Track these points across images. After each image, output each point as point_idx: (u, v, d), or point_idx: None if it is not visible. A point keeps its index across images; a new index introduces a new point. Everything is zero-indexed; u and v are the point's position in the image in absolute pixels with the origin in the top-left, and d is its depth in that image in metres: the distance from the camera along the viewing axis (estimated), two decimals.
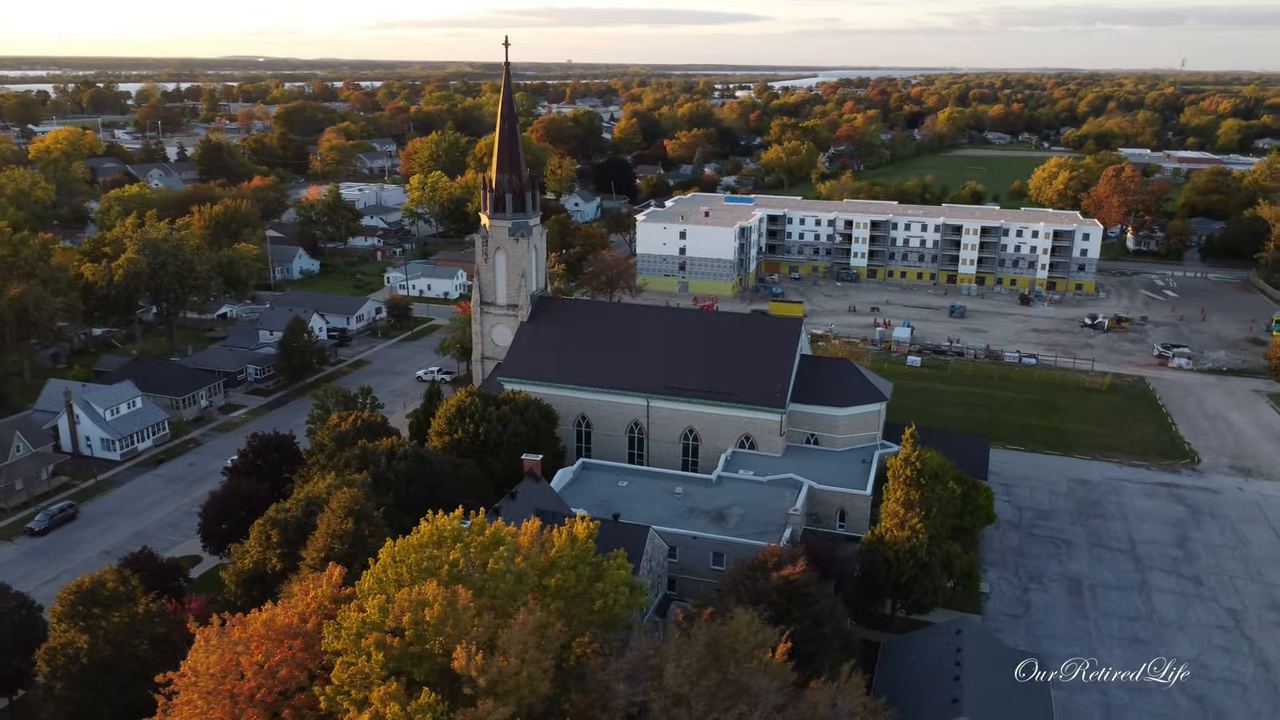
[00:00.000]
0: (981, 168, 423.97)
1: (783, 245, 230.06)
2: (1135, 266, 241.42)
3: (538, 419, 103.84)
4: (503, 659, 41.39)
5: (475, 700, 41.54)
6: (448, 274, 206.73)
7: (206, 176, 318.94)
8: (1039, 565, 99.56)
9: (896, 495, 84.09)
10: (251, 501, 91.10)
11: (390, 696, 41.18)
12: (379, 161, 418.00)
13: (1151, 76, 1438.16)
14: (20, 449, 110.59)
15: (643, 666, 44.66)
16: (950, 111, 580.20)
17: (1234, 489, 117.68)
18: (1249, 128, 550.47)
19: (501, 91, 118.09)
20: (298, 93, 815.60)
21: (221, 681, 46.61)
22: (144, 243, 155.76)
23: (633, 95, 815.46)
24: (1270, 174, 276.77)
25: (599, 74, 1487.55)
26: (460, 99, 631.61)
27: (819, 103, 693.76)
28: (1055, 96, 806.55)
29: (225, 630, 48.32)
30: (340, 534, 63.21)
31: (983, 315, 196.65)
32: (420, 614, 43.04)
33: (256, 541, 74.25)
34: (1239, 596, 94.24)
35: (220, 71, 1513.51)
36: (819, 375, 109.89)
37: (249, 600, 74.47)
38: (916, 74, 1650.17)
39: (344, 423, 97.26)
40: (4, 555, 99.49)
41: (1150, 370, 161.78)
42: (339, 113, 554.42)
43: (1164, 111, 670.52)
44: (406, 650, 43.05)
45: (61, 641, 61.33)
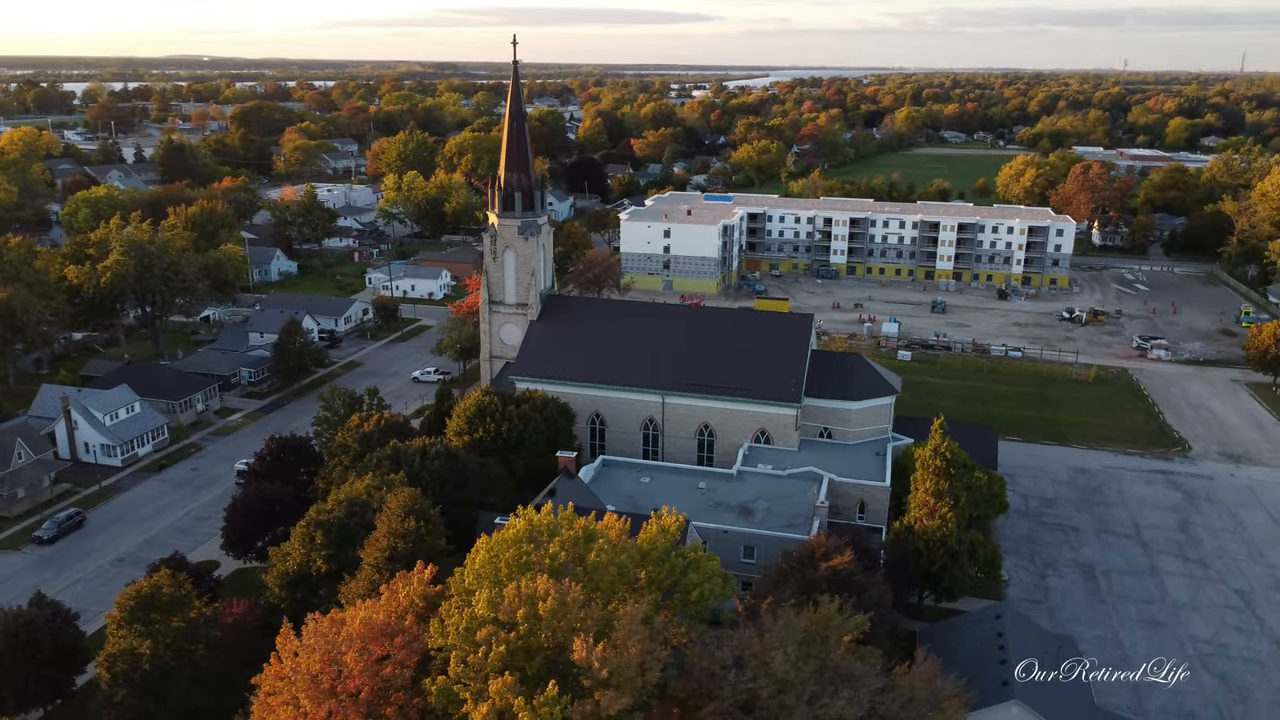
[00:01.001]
0: (943, 165, 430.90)
1: (763, 243, 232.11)
2: (1103, 261, 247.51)
3: (556, 417, 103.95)
4: (623, 649, 41.83)
5: (592, 692, 41.91)
6: (432, 274, 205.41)
7: (169, 178, 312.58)
8: (1052, 552, 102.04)
9: (926, 485, 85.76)
10: (275, 504, 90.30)
11: (509, 689, 41.40)
12: (343, 161, 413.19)
13: (1094, 76, 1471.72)
14: (22, 456, 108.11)
15: (748, 654, 45.34)
16: (908, 111, 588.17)
17: (1226, 475, 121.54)
18: (1195, 126, 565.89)
19: (510, 90, 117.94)
20: (250, 92, 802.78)
21: (323, 680, 46.41)
22: (129, 244, 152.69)
23: (591, 95, 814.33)
24: (1227, 171, 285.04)
25: (552, 74, 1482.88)
26: (420, 99, 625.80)
27: (777, 102, 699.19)
28: (1006, 96, 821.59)
29: (322, 630, 48.05)
30: (402, 533, 62.98)
31: (963, 310, 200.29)
32: (534, 607, 43.28)
33: (299, 543, 73.57)
34: (1244, 578, 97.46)
35: (165, 71, 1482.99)
36: (830, 370, 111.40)
37: (293, 603, 73.92)
38: (867, 73, 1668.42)
39: (366, 423, 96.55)
40: (14, 565, 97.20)
41: (1131, 362, 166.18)
42: (296, 112, 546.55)
43: (1112, 110, 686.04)
44: (519, 644, 43.26)
45: (121, 648, 60.32)
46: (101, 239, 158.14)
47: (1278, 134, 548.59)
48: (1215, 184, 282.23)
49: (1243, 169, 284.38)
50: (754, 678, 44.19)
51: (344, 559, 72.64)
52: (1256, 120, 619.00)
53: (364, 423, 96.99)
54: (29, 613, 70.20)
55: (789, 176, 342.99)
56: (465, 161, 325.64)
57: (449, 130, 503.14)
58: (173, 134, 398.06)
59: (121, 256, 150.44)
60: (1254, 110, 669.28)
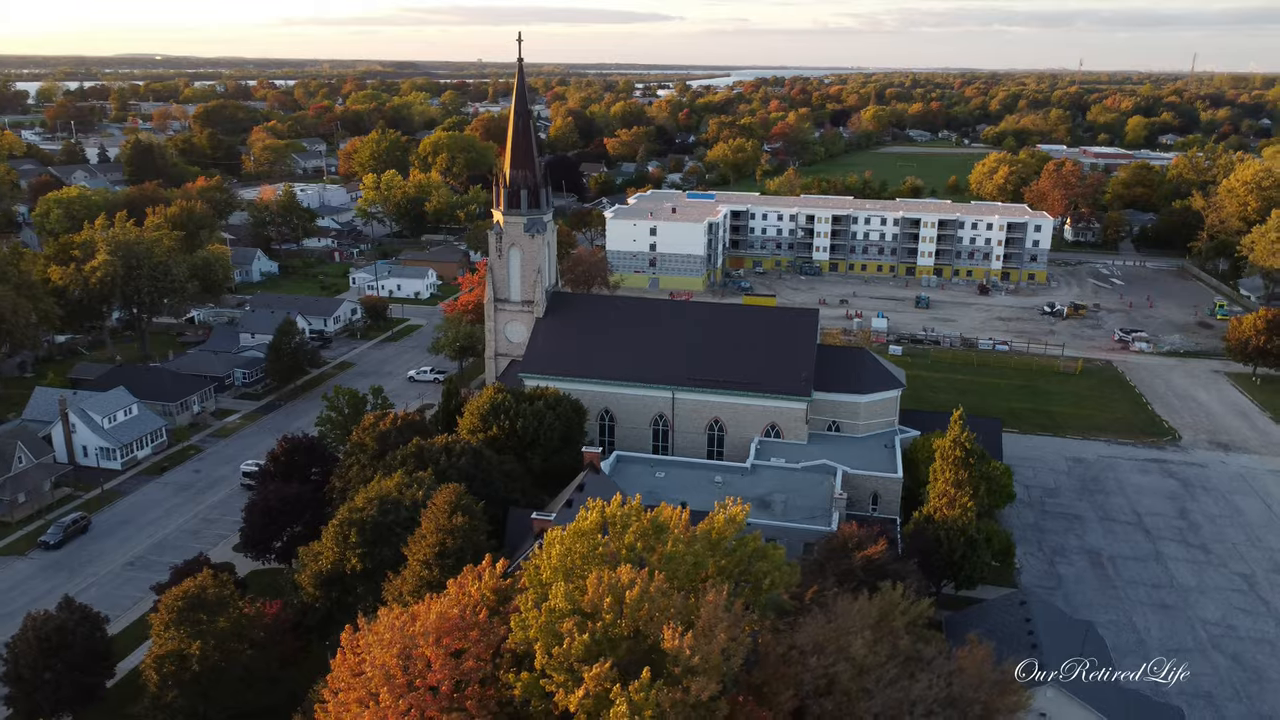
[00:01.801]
0: (912, 164, 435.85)
1: (745, 240, 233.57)
2: (1077, 256, 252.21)
3: (570, 414, 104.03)
4: (711, 636, 42.31)
5: (680, 679, 42.36)
6: (418, 274, 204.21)
7: (137, 178, 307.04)
8: (1059, 540, 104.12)
9: (946, 475, 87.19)
10: (295, 504, 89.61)
11: (604, 677, 41.73)
12: (312, 161, 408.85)
13: (1050, 76, 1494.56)
14: (22, 460, 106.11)
15: (826, 639, 46.05)
16: (875, 110, 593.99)
17: (1218, 463, 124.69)
18: (1153, 124, 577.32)
19: (515, 86, 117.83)
20: (210, 91, 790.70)
21: (397, 675, 46.37)
22: (116, 245, 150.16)
23: (557, 94, 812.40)
24: (1192, 168, 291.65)
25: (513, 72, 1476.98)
26: (386, 98, 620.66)
27: (744, 101, 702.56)
28: (968, 95, 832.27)
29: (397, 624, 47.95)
30: (450, 529, 62.90)
31: (946, 305, 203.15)
32: (618, 597, 43.62)
33: (333, 543, 73.08)
34: (1245, 562, 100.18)
35: (119, 70, 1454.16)
36: (837, 364, 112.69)
37: (328, 602, 73.57)
38: (827, 73, 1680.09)
39: (382, 422, 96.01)
40: (22, 571, 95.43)
41: (1114, 354, 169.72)
42: (261, 111, 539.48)
43: (1071, 110, 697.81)
44: (603, 634, 43.58)
45: (169, 649, 59.65)
46: (86, 240, 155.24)
47: (1233, 132, 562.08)
48: (1181, 181, 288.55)
49: (1207, 166, 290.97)
50: (834, 662, 44.91)
51: (378, 557, 72.34)
52: (1211, 119, 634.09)
53: (379, 422, 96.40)
54: (59, 616, 69.17)
55: (764, 175, 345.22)
56: (440, 160, 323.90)
57: (417, 129, 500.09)
58: (139, 134, 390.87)
59: (109, 257, 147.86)
60: (1208, 109, 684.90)
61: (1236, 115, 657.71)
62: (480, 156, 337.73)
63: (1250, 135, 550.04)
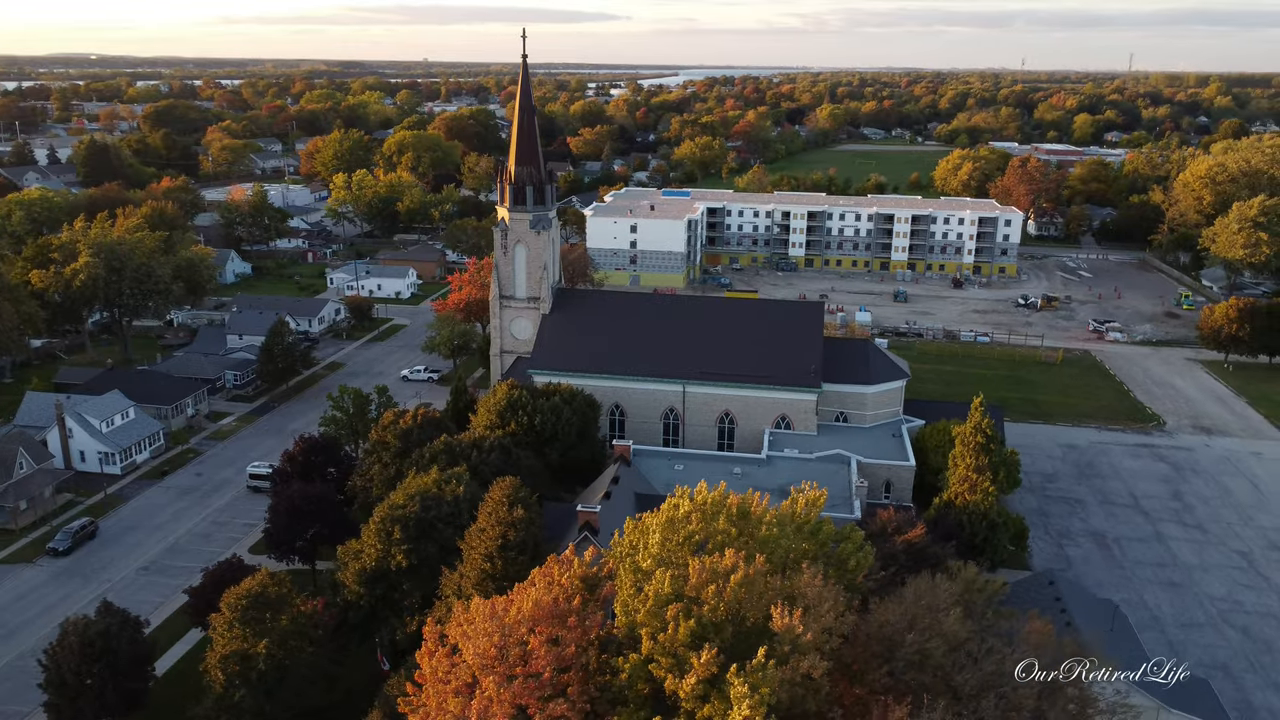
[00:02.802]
0: (871, 161, 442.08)
1: (722, 237, 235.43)
2: (1043, 250, 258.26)
3: (585, 409, 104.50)
4: (821, 615, 43.31)
5: (789, 659, 43.28)
6: (399, 273, 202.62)
7: (94, 180, 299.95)
8: (1064, 523, 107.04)
9: (966, 461, 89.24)
10: (319, 503, 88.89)
11: (714, 661, 42.48)
12: (271, 161, 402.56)
13: (993, 75, 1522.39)
14: (23, 466, 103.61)
15: (918, 616, 47.31)
16: (830, 109, 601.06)
17: (1203, 446, 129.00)
18: (1099, 122, 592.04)
19: (519, 84, 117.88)
20: (154, 91, 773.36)
21: (497, 665, 46.64)
22: (99, 247, 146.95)
23: (510, 94, 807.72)
24: (1147, 164, 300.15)
25: (461, 72, 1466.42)
26: (341, 97, 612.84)
27: (699, 100, 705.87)
28: (918, 94, 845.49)
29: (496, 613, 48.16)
30: (511, 521, 63.09)
31: (923, 299, 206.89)
32: (723, 582, 44.41)
33: (376, 539, 72.72)
34: (1241, 540, 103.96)
35: (54, 69, 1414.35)
36: (843, 356, 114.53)
37: (372, 599, 73.22)
38: (774, 72, 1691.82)
39: (403, 420, 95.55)
40: (33, 578, 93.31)
41: (1091, 344, 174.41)
42: (213, 111, 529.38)
43: (1017, 108, 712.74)
44: (709, 618, 44.33)
45: (233, 649, 59.07)
46: (66, 242, 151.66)
47: (1175, 129, 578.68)
48: (1137, 176, 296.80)
49: (1161, 161, 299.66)
50: (929, 639, 46.18)
51: (423, 553, 72.17)
52: (1152, 116, 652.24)
53: (399, 419, 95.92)
54: (101, 621, 68.00)
55: (730, 172, 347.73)
56: (406, 159, 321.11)
57: (374, 129, 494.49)
58: (93, 135, 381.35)
59: (91, 259, 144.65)
60: (1149, 107, 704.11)
61: (1176, 113, 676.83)
62: (445, 155, 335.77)
63: (1191, 132, 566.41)
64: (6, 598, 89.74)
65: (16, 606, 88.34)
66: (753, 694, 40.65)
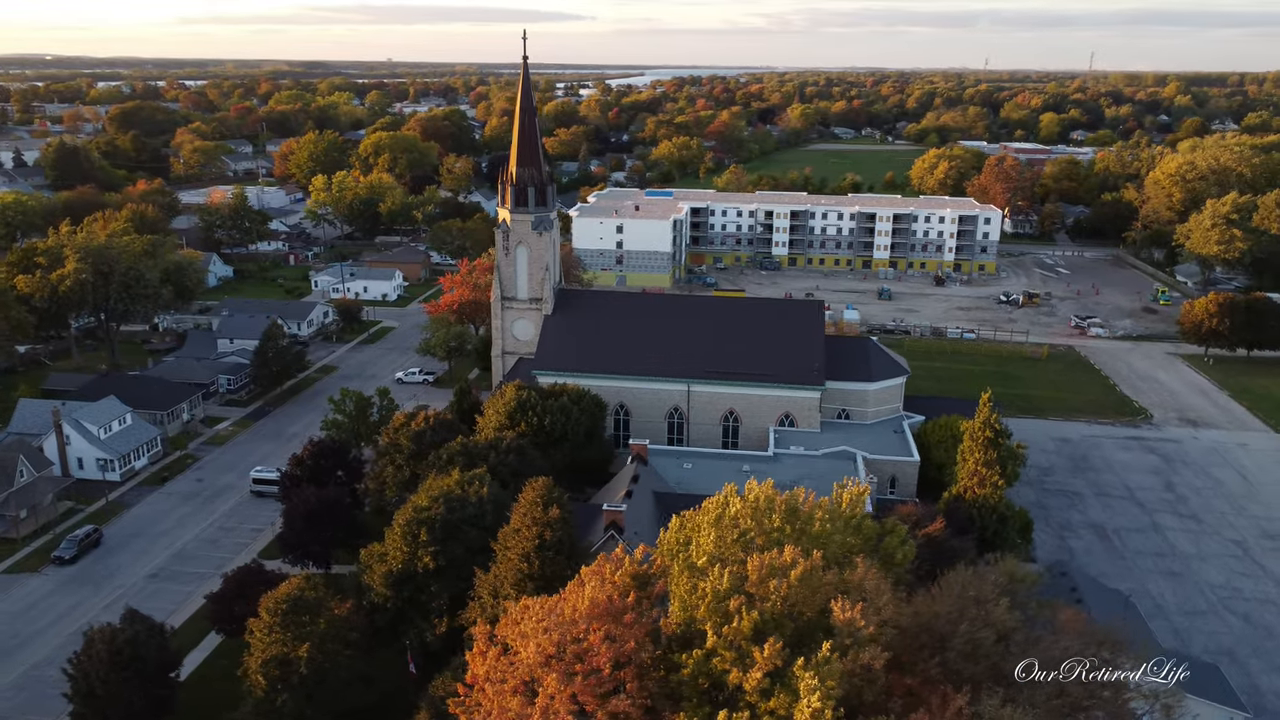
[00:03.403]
0: (845, 160, 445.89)
1: (705, 237, 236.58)
2: (1020, 248, 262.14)
3: (592, 409, 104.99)
4: (880, 607, 44.24)
5: (849, 651, 44.15)
6: (385, 275, 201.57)
7: (63, 182, 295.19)
8: (1063, 515, 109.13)
9: (976, 455, 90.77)
10: (334, 507, 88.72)
11: (778, 654, 43.25)
12: (243, 163, 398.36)
13: (956, 75, 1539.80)
14: (24, 474, 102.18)
15: (965, 607, 48.40)
16: (801, 109, 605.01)
17: (1190, 438, 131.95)
18: (1064, 120, 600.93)
19: (520, 84, 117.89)
20: (116, 92, 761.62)
21: (553, 664, 47.09)
22: (86, 251, 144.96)
23: (480, 94, 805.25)
24: (1118, 162, 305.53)
25: (427, 72, 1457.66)
26: (310, 98, 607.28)
27: (669, 100, 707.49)
28: (885, 94, 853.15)
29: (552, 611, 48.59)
30: (547, 521, 63.44)
31: (906, 296, 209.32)
32: (784, 577, 45.18)
33: (402, 541, 72.73)
34: (1235, 529, 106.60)
35: (9, 70, 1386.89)
36: (844, 353, 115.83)
37: (400, 601, 73.17)
38: (739, 72, 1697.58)
39: (414, 422, 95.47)
40: (40, 587, 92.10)
41: (1074, 340, 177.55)
42: (180, 113, 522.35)
43: (983, 107, 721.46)
44: (770, 612, 45.10)
45: (273, 653, 58.94)
46: (52, 246, 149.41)
47: (1138, 127, 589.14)
48: (1108, 174, 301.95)
49: (1131, 160, 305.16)
50: (979, 629, 47.27)
51: (450, 554, 72.30)
52: (1115, 115, 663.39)
53: (411, 421, 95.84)
54: (128, 629, 67.49)
55: (708, 172, 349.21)
56: (383, 161, 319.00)
57: (345, 130, 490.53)
58: (64, 136, 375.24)
59: (79, 264, 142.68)
60: (1111, 106, 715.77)
61: (1139, 111, 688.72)
62: (422, 156, 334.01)
63: (1154, 131, 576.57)
64: (16, 607, 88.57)
65: (27, 616, 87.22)
66: (821, 685, 41.43)
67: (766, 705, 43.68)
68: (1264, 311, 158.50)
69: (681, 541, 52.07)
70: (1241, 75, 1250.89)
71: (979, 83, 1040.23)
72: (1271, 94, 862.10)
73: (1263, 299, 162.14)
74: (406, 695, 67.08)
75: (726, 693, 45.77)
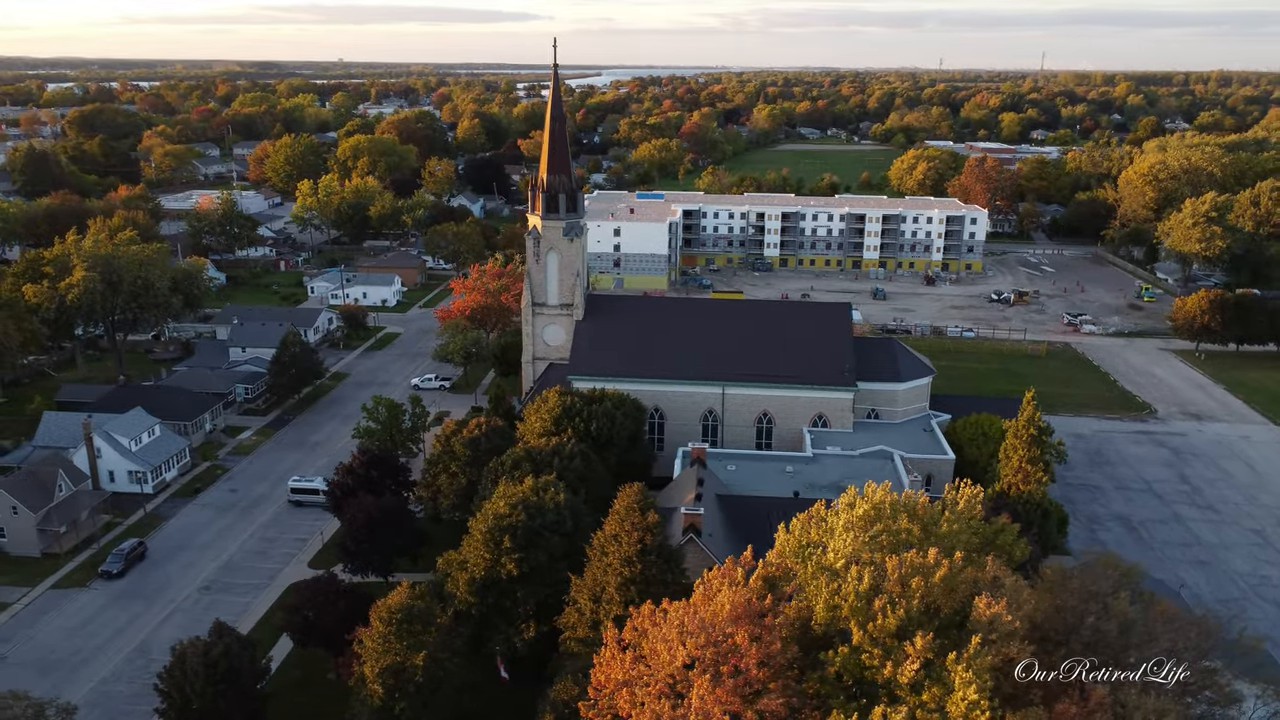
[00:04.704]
0: (816, 160, 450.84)
1: (698, 239, 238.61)
2: (1000, 247, 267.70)
3: (634, 413, 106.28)
4: (1023, 603, 46.26)
5: (994, 644, 46.10)
6: (384, 281, 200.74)
7: (35, 189, 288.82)
8: (1089, 508, 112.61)
9: (1020, 452, 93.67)
10: (395, 515, 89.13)
11: (930, 647, 45.10)
12: (214, 167, 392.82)
13: (910, 74, 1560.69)
14: (62, 488, 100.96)
15: (1088, 600, 50.66)
16: (769, 109, 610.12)
17: (1196, 432, 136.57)
18: (1024, 120, 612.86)
19: (550, 91, 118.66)
20: (69, 95, 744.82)
21: (697, 666, 48.47)
22: (95, 259, 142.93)
23: (443, 96, 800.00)
24: (1090, 162, 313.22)
25: (382, 72, 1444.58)
26: (275, 99, 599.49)
27: (634, 101, 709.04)
28: (846, 94, 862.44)
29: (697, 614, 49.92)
30: (648, 526, 64.70)
31: (899, 296, 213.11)
32: (929, 576, 47.02)
33: (484, 549, 73.48)
34: (1253, 519, 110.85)
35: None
36: (871, 355, 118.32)
37: (484, 608, 73.96)
38: (696, 72, 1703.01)
39: (466, 429, 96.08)
40: (91, 603, 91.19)
41: (1068, 337, 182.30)
42: (142, 115, 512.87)
43: (942, 106, 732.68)
44: (916, 608, 46.92)
45: (387, 662, 59.55)
46: (60, 255, 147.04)
47: (1095, 127, 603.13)
48: (1081, 174, 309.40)
49: (1101, 159, 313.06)
50: (1104, 620, 49.54)
51: (533, 561, 73.26)
52: (1071, 115, 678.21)
53: (462, 429, 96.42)
54: (221, 642, 67.55)
55: (687, 174, 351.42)
56: (362, 164, 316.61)
57: (312, 132, 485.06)
58: (33, 141, 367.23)
59: (88, 272, 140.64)
60: (1067, 105, 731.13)
61: (1094, 111, 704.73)
62: (401, 160, 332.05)
63: (1110, 130, 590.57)
64: (71, 623, 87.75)
65: (85, 632, 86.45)
66: (977, 678, 43.30)
67: (917, 699, 45.42)
68: (1252, 307, 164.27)
69: (805, 544, 53.69)
70: (1186, 75, 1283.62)
71: (934, 83, 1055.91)
72: (1218, 93, 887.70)
73: (1250, 295, 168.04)
74: (500, 701, 68.05)
75: (874, 689, 47.44)
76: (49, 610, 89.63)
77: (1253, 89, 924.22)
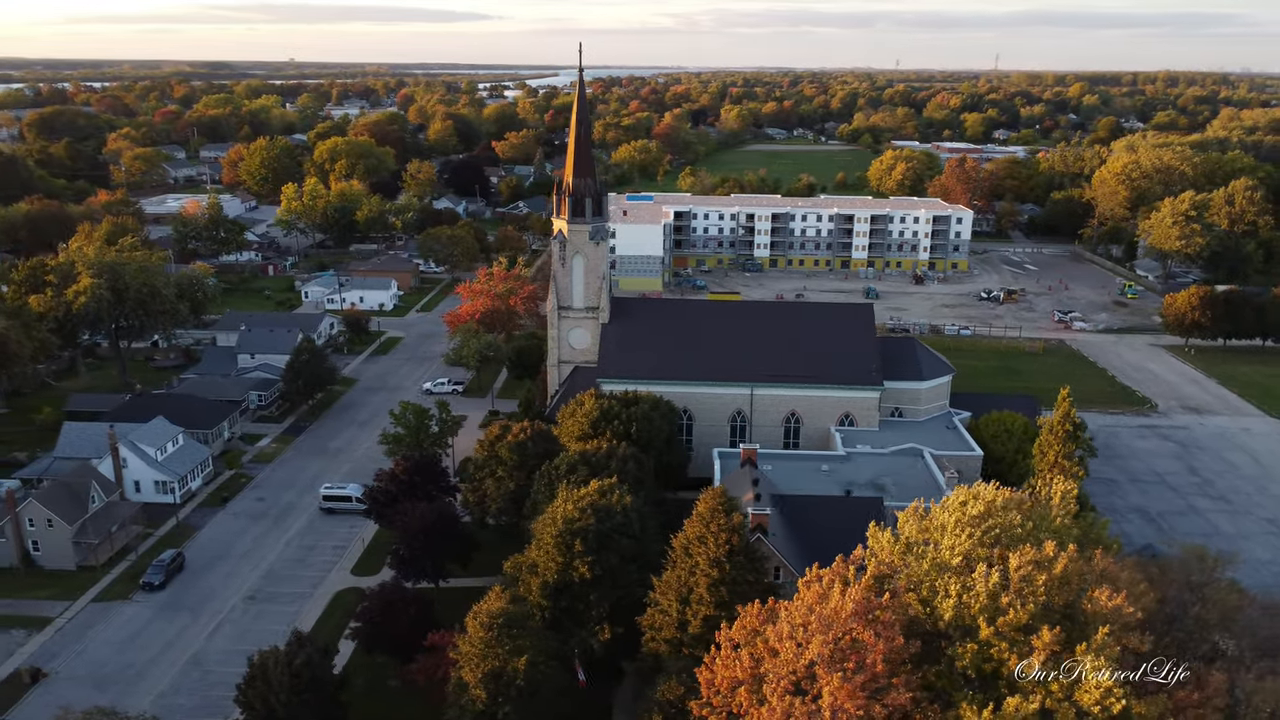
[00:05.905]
0: (785, 160, 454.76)
1: (688, 240, 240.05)
2: (981, 245, 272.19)
3: (669, 415, 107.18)
4: (1138, 596, 48.00)
5: (1117, 636, 47.84)
6: (381, 285, 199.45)
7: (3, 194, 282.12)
8: (1107, 501, 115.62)
9: (1055, 449, 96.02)
10: (446, 521, 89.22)
11: (1057, 639, 46.68)
12: (184, 170, 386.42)
13: (865, 74, 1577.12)
14: (95, 500, 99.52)
15: (1184, 591, 52.70)
16: (738, 110, 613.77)
17: (1197, 425, 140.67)
18: (986, 120, 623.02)
19: (575, 95, 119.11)
20: (20, 96, 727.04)
21: (819, 663, 49.63)
22: (100, 267, 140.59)
23: (406, 97, 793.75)
24: (1063, 162, 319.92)
25: (336, 73, 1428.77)
26: (240, 99, 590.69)
27: (600, 102, 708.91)
28: (809, 94, 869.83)
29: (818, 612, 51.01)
30: (733, 527, 65.68)
31: (890, 295, 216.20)
32: (1050, 570, 48.62)
33: (556, 553, 73.95)
34: (1265, 509, 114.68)
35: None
36: (894, 353, 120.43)
37: (556, 611, 74.42)
38: (655, 72, 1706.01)
39: (509, 434, 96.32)
40: (137, 615, 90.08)
41: (1061, 334, 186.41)
42: (103, 118, 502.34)
43: (907, 107, 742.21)
44: (1043, 603, 48.53)
45: (489, 667, 59.92)
46: (63, 263, 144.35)
47: (1055, 127, 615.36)
48: (1054, 173, 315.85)
49: (1074, 159, 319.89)
50: (1207, 609, 51.57)
51: (605, 564, 73.90)
52: (1030, 114, 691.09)
53: (506, 434, 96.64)
54: (301, 652, 67.46)
55: (665, 175, 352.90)
56: (340, 167, 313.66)
57: (279, 133, 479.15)
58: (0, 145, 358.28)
59: (93, 280, 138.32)
60: (1025, 106, 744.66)
61: (1051, 111, 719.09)
62: (379, 162, 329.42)
63: (1069, 129, 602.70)
64: (119, 636, 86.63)
65: (135, 645, 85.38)
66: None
67: (1045, 690, 46.96)
68: (1240, 304, 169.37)
69: (910, 542, 55.07)
70: (1134, 75, 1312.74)
71: (893, 83, 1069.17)
72: (1167, 93, 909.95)
73: (1238, 292, 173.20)
74: (582, 704, 68.65)
75: (995, 681, 48.91)
76: (95, 624, 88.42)
77: (1200, 89, 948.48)
